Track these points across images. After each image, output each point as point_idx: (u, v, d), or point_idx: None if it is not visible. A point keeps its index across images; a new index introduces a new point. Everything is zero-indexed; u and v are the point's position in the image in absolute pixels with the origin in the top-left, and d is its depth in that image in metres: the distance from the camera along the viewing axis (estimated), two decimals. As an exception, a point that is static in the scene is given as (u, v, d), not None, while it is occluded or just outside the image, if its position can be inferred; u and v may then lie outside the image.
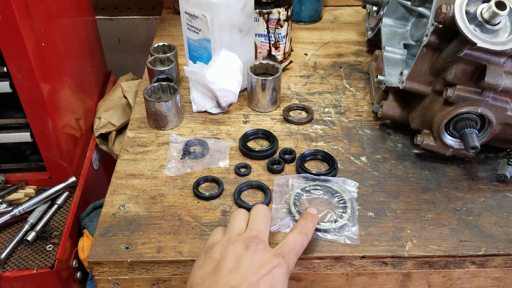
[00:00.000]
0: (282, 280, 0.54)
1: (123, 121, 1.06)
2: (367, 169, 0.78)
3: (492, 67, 0.66)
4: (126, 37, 1.45)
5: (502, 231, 0.67)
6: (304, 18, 1.20)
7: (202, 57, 0.91)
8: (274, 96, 0.89)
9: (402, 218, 0.69)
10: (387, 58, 0.87)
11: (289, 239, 0.59)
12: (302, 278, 0.65)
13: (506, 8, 0.62)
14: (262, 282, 0.53)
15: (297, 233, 0.60)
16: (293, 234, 0.60)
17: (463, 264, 0.65)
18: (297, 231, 0.60)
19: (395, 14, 0.94)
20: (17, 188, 0.94)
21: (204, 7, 0.83)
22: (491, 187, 0.75)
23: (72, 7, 1.03)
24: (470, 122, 0.71)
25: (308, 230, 0.61)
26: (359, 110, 0.91)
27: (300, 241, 0.59)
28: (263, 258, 0.55)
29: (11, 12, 0.72)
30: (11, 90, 0.81)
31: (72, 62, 1.00)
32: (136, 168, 0.78)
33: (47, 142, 0.89)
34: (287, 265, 0.56)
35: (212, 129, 0.86)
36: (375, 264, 0.64)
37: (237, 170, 0.77)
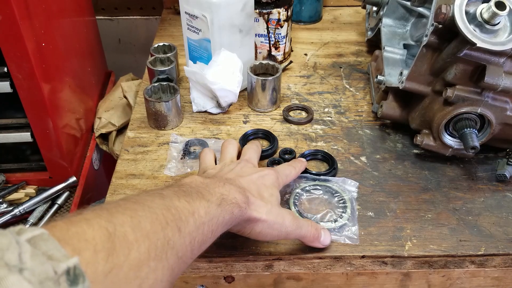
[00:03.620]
0: (271, 183, 0.63)
1: (123, 121, 1.06)
2: (367, 169, 0.78)
3: (492, 67, 0.66)
4: (126, 37, 1.45)
5: (502, 231, 0.67)
6: (304, 18, 1.20)
7: (202, 57, 0.91)
8: (274, 96, 0.89)
9: (401, 218, 0.69)
10: (387, 58, 0.87)
11: (278, 166, 0.70)
12: (302, 278, 0.65)
13: (506, 8, 0.62)
14: (254, 179, 0.62)
15: (286, 164, 0.71)
16: (282, 165, 0.71)
17: (463, 264, 0.65)
18: (286, 164, 0.72)
19: (395, 14, 0.94)
20: (17, 188, 0.94)
21: (204, 7, 0.83)
22: (490, 187, 0.75)
23: (72, 7, 1.03)
24: (470, 122, 0.71)
25: (296, 166, 0.71)
26: (359, 110, 0.91)
27: (289, 168, 0.69)
28: (254, 169, 0.65)
29: (11, 12, 0.72)
30: (12, 90, 0.81)
31: (72, 62, 1.00)
32: (137, 168, 0.78)
33: (47, 142, 0.89)
34: (277, 177, 0.64)
35: (212, 129, 0.86)
36: (375, 264, 0.65)
37: (237, 170, 0.77)
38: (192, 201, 0.48)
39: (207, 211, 0.49)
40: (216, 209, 0.50)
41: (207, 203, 0.49)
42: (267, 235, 0.58)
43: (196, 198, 0.49)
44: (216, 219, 0.50)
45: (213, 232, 0.50)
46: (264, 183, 0.62)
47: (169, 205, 0.45)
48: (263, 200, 0.59)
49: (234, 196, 0.54)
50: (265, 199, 0.60)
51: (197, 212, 0.47)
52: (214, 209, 0.50)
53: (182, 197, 0.48)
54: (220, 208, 0.51)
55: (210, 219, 0.49)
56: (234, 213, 0.53)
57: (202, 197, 0.50)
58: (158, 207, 0.44)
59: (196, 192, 0.51)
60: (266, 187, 0.62)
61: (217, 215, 0.50)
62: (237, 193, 0.55)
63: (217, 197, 0.52)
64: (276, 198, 0.62)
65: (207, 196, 0.50)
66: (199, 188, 0.52)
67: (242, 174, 0.62)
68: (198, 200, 0.49)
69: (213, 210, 0.50)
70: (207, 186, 0.53)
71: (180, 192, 0.49)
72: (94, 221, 0.37)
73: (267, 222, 0.57)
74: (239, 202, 0.54)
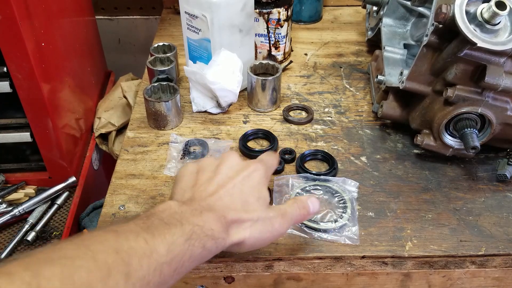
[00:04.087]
0: (259, 180, 0.57)
1: (123, 121, 1.06)
2: (367, 169, 0.78)
3: (492, 67, 0.66)
4: (126, 37, 1.45)
5: (502, 231, 0.67)
6: (304, 18, 1.20)
7: (202, 57, 0.91)
8: (274, 96, 0.89)
9: (402, 218, 0.69)
10: (387, 58, 0.87)
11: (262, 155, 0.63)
12: (302, 278, 0.65)
13: (506, 8, 0.62)
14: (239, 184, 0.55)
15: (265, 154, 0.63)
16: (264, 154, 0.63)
17: (463, 264, 0.65)
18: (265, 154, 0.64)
19: (395, 14, 0.94)
20: (17, 188, 0.94)
21: (204, 7, 0.83)
22: (491, 187, 0.75)
23: (72, 7, 1.03)
24: (470, 122, 0.71)
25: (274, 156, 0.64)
26: (359, 110, 0.91)
27: (271, 158, 0.63)
28: (240, 164, 0.59)
29: (11, 12, 0.72)
30: (11, 90, 0.81)
31: (72, 62, 1.00)
32: (136, 168, 0.78)
33: (47, 142, 0.89)
34: (264, 170, 0.59)
35: (212, 129, 0.86)
36: (375, 264, 0.64)
37: (237, 170, 0.76)
38: (153, 238, 0.44)
39: (170, 248, 0.44)
40: (183, 244, 0.46)
41: (172, 238, 0.45)
42: (259, 245, 0.55)
43: (160, 233, 0.45)
44: (182, 255, 0.46)
45: (177, 270, 0.45)
46: (251, 185, 0.56)
47: (120, 247, 0.41)
48: (247, 212, 0.54)
49: (210, 228, 0.49)
50: (250, 208, 0.54)
51: (156, 251, 0.43)
52: (181, 244, 0.46)
53: (142, 233, 0.44)
54: (189, 243, 0.46)
55: (173, 258, 0.45)
56: (206, 247, 0.48)
57: (168, 231, 0.46)
58: (104, 251, 0.40)
59: (164, 224, 0.46)
60: (253, 188, 0.56)
61: (184, 251, 0.46)
62: (214, 223, 0.50)
63: (188, 230, 0.47)
64: (264, 200, 0.57)
65: (174, 230, 0.46)
66: (170, 219, 0.48)
67: (223, 182, 0.55)
68: (162, 236, 0.45)
69: (179, 246, 0.45)
70: (180, 216, 0.48)
71: (142, 227, 0.45)
72: (17, 276, 0.34)
73: (254, 236, 0.53)
74: (215, 234, 0.49)
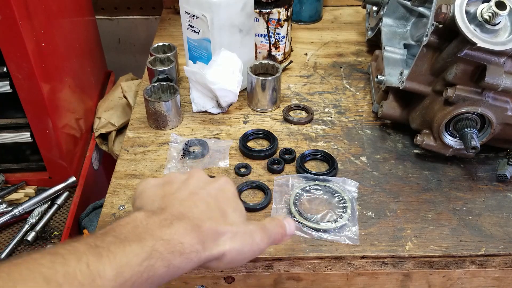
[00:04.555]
0: (233, 193, 0.53)
1: (123, 121, 1.06)
2: (367, 169, 0.78)
3: (492, 67, 0.66)
4: (126, 37, 1.45)
5: (502, 231, 0.67)
6: (304, 18, 1.20)
7: (202, 57, 0.91)
8: (274, 96, 0.89)
9: (402, 218, 0.69)
10: (387, 58, 0.87)
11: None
12: (302, 278, 0.65)
13: (506, 8, 0.62)
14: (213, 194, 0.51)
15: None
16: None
17: (463, 264, 0.65)
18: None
19: (395, 14, 0.94)
20: (17, 188, 0.94)
21: (204, 7, 0.83)
22: (491, 187, 0.75)
23: (72, 7, 1.03)
24: (470, 122, 0.71)
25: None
26: (359, 110, 0.91)
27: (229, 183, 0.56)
28: (209, 179, 0.54)
29: (11, 12, 0.72)
30: (11, 90, 0.81)
31: (72, 62, 1.00)
32: (136, 168, 0.78)
33: (47, 142, 0.89)
34: (232, 184, 0.54)
35: (212, 129, 0.86)
36: (375, 264, 0.64)
37: (237, 170, 0.76)
38: (98, 260, 0.39)
39: (120, 271, 0.39)
40: (139, 265, 0.41)
41: (124, 258, 0.40)
42: (241, 260, 0.50)
43: (109, 253, 0.40)
44: (137, 278, 0.40)
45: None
46: (225, 196, 0.52)
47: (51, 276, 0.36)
48: (227, 222, 0.49)
49: (179, 241, 0.44)
50: (229, 220, 0.50)
51: (100, 276, 0.38)
52: (136, 265, 0.40)
53: (86, 255, 0.39)
54: (147, 262, 0.41)
55: (123, 282, 0.39)
56: (174, 265, 0.43)
57: (121, 249, 0.41)
58: (31, 282, 0.35)
59: (118, 242, 0.41)
60: (228, 200, 0.52)
61: (140, 272, 0.41)
62: (185, 235, 0.45)
63: (148, 247, 0.42)
64: (240, 211, 0.53)
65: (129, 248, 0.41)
66: (129, 235, 0.42)
67: (196, 190, 0.51)
68: (111, 257, 0.40)
69: (133, 268, 0.40)
70: (143, 230, 0.43)
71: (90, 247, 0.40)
72: None
73: (235, 249, 0.48)
74: (185, 248, 0.44)
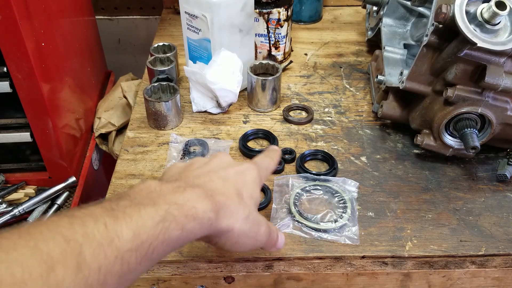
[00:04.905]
0: (253, 179, 0.53)
1: (123, 121, 1.06)
2: (367, 169, 0.78)
3: (492, 67, 0.66)
4: (126, 37, 1.45)
5: (502, 231, 0.67)
6: (304, 18, 1.20)
7: (202, 57, 0.91)
8: (274, 96, 0.89)
9: (402, 218, 0.69)
10: (387, 58, 0.87)
11: (256, 158, 0.58)
12: (302, 278, 0.65)
13: (506, 8, 0.62)
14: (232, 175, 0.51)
15: (262, 155, 0.59)
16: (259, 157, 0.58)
17: (463, 264, 0.65)
18: (263, 155, 0.59)
19: (395, 14, 0.94)
20: (17, 188, 0.94)
21: (204, 7, 0.83)
22: (491, 187, 0.75)
23: (72, 7, 1.03)
24: (470, 122, 0.71)
25: (274, 156, 0.60)
26: (359, 110, 0.91)
27: (267, 160, 0.58)
28: (233, 161, 0.54)
29: (11, 12, 0.72)
30: (11, 90, 0.81)
31: (72, 62, 1.00)
32: (136, 168, 0.78)
33: (47, 142, 0.89)
34: (258, 171, 0.54)
35: (212, 129, 0.86)
36: (375, 264, 0.64)
37: (237, 170, 0.76)
38: (115, 222, 0.38)
39: (137, 233, 0.39)
40: (154, 227, 0.40)
41: (140, 221, 0.39)
42: (242, 245, 0.50)
43: (125, 216, 0.39)
44: (153, 240, 0.40)
45: (147, 257, 0.40)
46: (245, 180, 0.52)
47: (71, 235, 0.35)
48: (241, 202, 0.49)
49: (193, 206, 0.44)
50: (243, 200, 0.50)
51: (118, 237, 0.37)
52: (151, 228, 0.40)
53: (102, 217, 0.38)
54: (162, 225, 0.41)
55: (140, 244, 0.39)
56: (187, 229, 0.42)
57: (137, 212, 0.40)
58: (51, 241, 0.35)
59: (133, 206, 0.41)
60: (247, 184, 0.52)
61: (155, 235, 0.40)
62: (199, 201, 0.44)
63: (162, 210, 0.41)
64: (255, 200, 0.52)
65: (143, 211, 0.40)
66: (143, 200, 0.42)
67: (215, 169, 0.51)
68: (127, 219, 0.39)
69: (149, 230, 0.40)
70: (157, 195, 0.43)
71: (106, 210, 0.39)
72: None
73: (243, 230, 0.48)
74: (198, 213, 0.44)
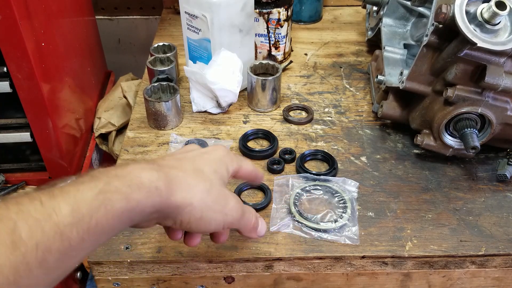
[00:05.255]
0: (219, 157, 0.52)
1: (123, 121, 1.06)
2: (367, 169, 0.78)
3: (492, 67, 0.66)
4: (126, 37, 1.45)
5: (502, 231, 0.67)
6: (304, 18, 1.20)
7: (202, 57, 0.91)
8: (274, 96, 0.89)
9: (402, 218, 0.69)
10: (387, 58, 0.87)
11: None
12: (302, 278, 0.65)
13: (506, 8, 0.62)
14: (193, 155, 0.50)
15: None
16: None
17: (463, 264, 0.65)
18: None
19: (395, 14, 0.94)
20: (17, 188, 0.94)
21: (204, 7, 0.83)
22: (491, 187, 0.75)
23: (72, 7, 1.03)
24: (470, 122, 0.71)
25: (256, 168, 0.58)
26: (359, 110, 0.91)
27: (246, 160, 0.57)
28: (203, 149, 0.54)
29: (11, 12, 0.72)
30: (11, 90, 0.81)
31: (72, 62, 1.00)
32: (136, 168, 0.78)
33: (47, 142, 0.89)
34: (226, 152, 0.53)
35: (212, 129, 0.86)
36: (375, 264, 0.64)
37: (237, 170, 0.76)
38: (51, 199, 0.36)
39: (75, 207, 0.37)
40: (93, 199, 0.38)
41: (78, 195, 0.37)
42: (211, 221, 0.47)
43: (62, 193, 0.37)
44: (94, 213, 0.37)
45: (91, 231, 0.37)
46: (208, 158, 0.50)
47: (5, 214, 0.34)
48: (200, 175, 0.47)
49: (136, 175, 0.41)
50: (204, 175, 0.47)
51: (56, 213, 0.36)
52: (91, 199, 0.38)
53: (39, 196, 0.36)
54: (102, 196, 0.38)
55: (82, 216, 0.37)
56: (133, 198, 0.40)
57: (74, 188, 0.38)
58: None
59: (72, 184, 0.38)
60: (210, 161, 0.50)
61: (96, 207, 0.38)
62: (144, 171, 0.41)
63: (102, 183, 0.39)
64: (221, 176, 0.50)
65: (82, 187, 0.38)
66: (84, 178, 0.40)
67: (182, 152, 0.51)
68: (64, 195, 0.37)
69: (89, 201, 0.37)
70: (99, 172, 0.41)
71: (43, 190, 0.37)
72: None
73: (206, 203, 0.45)
74: (143, 182, 0.41)
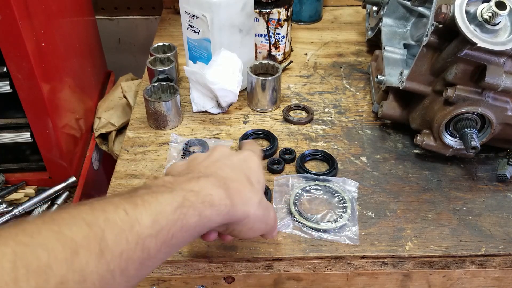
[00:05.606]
0: (257, 165, 0.53)
1: (123, 121, 1.06)
2: (367, 169, 0.78)
3: (492, 67, 0.66)
4: (126, 37, 1.45)
5: (502, 231, 0.67)
6: (304, 18, 1.20)
7: (202, 57, 0.91)
8: (274, 96, 0.89)
9: (402, 218, 0.69)
10: (387, 58, 0.87)
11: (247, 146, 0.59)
12: (302, 278, 0.65)
13: (506, 8, 0.62)
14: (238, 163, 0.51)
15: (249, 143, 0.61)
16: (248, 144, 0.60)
17: (463, 264, 0.65)
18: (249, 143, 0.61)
19: (395, 14, 0.94)
20: (17, 188, 0.94)
21: (204, 7, 0.83)
22: (491, 187, 0.75)
23: (72, 7, 1.03)
24: (470, 122, 0.71)
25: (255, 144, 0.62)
26: (359, 110, 0.91)
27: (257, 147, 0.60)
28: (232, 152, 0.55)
29: (11, 12, 0.72)
30: (11, 90, 0.81)
31: (72, 62, 1.00)
32: (136, 168, 0.78)
33: (47, 142, 0.89)
34: (258, 156, 0.55)
35: (212, 129, 0.86)
36: (375, 264, 0.64)
37: (237, 170, 0.76)
38: (135, 208, 0.38)
39: (156, 219, 0.39)
40: (173, 213, 0.40)
41: (158, 207, 0.40)
42: (256, 231, 0.50)
43: (144, 202, 0.40)
44: (171, 226, 0.40)
45: (167, 243, 0.40)
46: (250, 166, 0.52)
47: (93, 221, 0.36)
48: (252, 188, 0.49)
49: (209, 193, 0.44)
50: (254, 186, 0.50)
51: (139, 223, 0.38)
52: (169, 213, 0.40)
53: (122, 204, 0.38)
54: (180, 211, 0.41)
55: (160, 229, 0.39)
56: (204, 215, 0.43)
57: (155, 199, 0.40)
58: (74, 226, 0.35)
59: (151, 193, 0.41)
60: (253, 170, 0.52)
61: (174, 220, 0.40)
62: (214, 189, 0.45)
63: (180, 197, 0.42)
64: (262, 184, 0.53)
65: (161, 198, 0.41)
66: (159, 188, 0.42)
67: (220, 158, 0.51)
68: (146, 205, 0.39)
69: (167, 215, 0.40)
70: (172, 184, 0.43)
71: (125, 198, 0.39)
72: None
73: (257, 215, 0.48)
74: (214, 200, 0.44)
